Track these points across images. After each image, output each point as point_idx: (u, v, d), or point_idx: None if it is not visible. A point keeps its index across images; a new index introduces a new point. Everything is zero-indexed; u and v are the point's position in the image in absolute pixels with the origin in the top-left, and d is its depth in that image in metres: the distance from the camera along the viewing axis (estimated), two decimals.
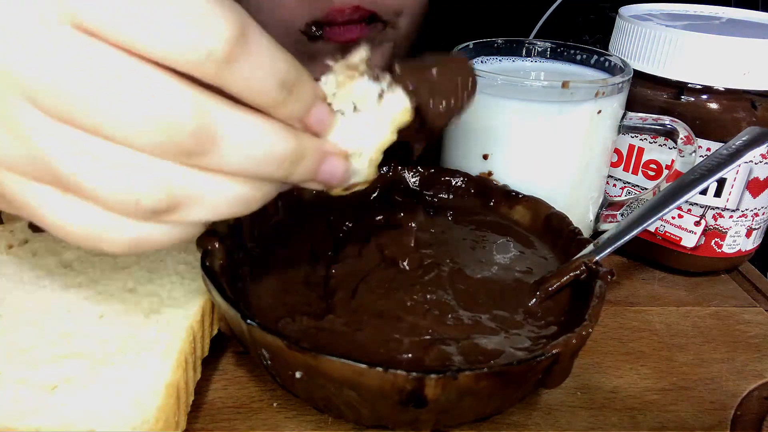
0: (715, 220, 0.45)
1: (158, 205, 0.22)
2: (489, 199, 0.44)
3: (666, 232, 0.47)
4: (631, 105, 0.45)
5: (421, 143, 0.33)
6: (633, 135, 0.46)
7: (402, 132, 0.30)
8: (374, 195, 0.44)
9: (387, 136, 0.29)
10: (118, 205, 0.22)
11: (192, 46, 0.21)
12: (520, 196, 0.43)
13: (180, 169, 0.23)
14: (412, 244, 0.38)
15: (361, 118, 0.28)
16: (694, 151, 0.42)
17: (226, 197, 0.24)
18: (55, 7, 0.20)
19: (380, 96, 0.28)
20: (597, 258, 0.35)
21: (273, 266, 0.37)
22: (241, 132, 0.23)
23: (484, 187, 0.45)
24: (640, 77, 0.45)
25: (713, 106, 0.43)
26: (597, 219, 0.48)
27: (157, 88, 0.21)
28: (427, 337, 0.32)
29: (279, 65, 0.23)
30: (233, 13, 0.21)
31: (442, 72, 0.30)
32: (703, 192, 0.44)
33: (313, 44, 0.50)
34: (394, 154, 0.32)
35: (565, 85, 0.40)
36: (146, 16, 0.20)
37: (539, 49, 0.49)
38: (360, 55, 0.28)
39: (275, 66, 0.23)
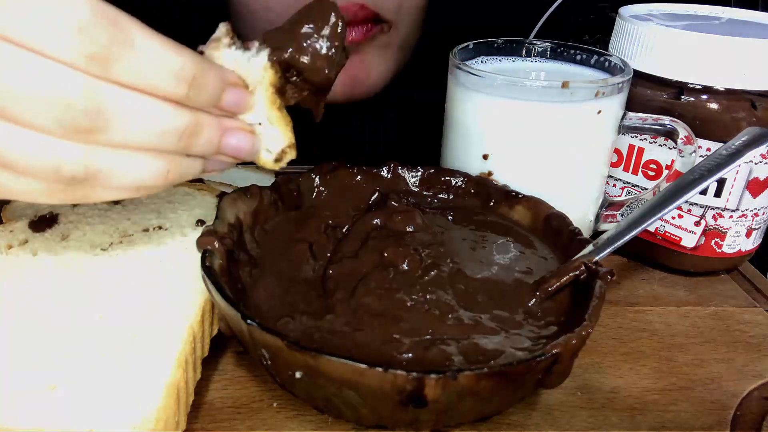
0: (715, 220, 0.45)
1: (77, 175, 0.26)
2: (489, 199, 0.44)
3: (666, 232, 0.47)
4: (631, 105, 0.45)
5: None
6: (633, 135, 0.46)
7: (297, 95, 0.33)
8: (374, 197, 0.44)
9: (269, 96, 0.31)
10: (43, 176, 0.26)
11: (77, 50, 0.24)
12: (520, 196, 0.43)
13: (91, 146, 0.26)
14: (412, 245, 0.38)
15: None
16: (694, 151, 0.42)
17: (141, 168, 0.28)
18: None
19: (249, 63, 0.31)
20: (597, 258, 0.35)
21: (273, 266, 0.37)
22: (133, 110, 0.26)
23: (484, 187, 0.44)
24: (640, 77, 0.45)
25: (713, 106, 0.43)
26: (597, 219, 0.48)
27: (49, 76, 0.24)
28: (427, 337, 0.32)
29: (169, 62, 0.26)
30: (112, 20, 0.25)
31: (303, 24, 0.32)
32: (703, 192, 0.44)
33: None
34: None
35: (565, 85, 0.40)
36: (36, 21, 0.24)
37: (539, 49, 0.49)
38: (220, 30, 0.31)
39: (164, 63, 0.26)
